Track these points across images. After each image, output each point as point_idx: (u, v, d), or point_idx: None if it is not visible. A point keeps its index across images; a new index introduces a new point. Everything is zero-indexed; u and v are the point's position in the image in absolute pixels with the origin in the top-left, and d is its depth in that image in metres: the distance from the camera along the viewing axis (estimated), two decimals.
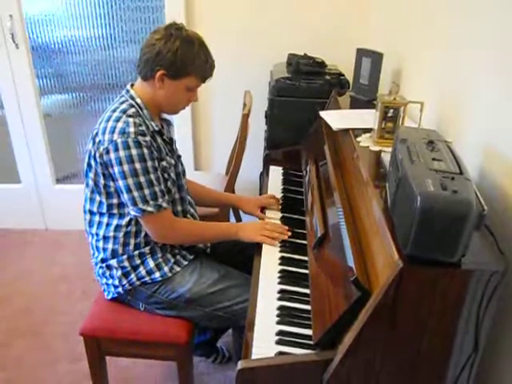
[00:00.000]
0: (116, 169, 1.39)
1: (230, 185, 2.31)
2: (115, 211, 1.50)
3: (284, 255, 1.49)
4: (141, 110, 1.47)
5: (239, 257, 1.68)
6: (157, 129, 1.49)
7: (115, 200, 1.48)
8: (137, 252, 1.53)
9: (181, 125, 2.86)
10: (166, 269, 1.55)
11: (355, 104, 2.02)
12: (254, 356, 1.08)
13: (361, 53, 2.06)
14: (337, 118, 1.72)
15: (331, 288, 1.14)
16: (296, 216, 1.73)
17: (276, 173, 2.09)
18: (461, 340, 0.94)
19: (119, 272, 1.54)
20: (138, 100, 1.48)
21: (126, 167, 1.38)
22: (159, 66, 1.42)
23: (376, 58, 1.94)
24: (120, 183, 1.41)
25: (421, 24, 1.79)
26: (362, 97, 2.04)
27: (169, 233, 1.52)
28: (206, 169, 3.06)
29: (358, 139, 1.50)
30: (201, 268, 1.58)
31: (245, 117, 2.19)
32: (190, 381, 1.65)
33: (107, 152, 1.39)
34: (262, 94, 2.46)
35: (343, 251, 1.11)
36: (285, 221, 1.70)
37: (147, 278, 1.54)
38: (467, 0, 1.39)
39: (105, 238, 1.53)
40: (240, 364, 1.03)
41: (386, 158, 1.28)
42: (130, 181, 1.39)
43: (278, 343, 1.13)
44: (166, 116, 1.66)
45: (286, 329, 1.18)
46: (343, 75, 2.25)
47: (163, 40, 1.40)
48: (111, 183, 1.45)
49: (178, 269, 1.57)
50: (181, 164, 1.67)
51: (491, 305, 0.90)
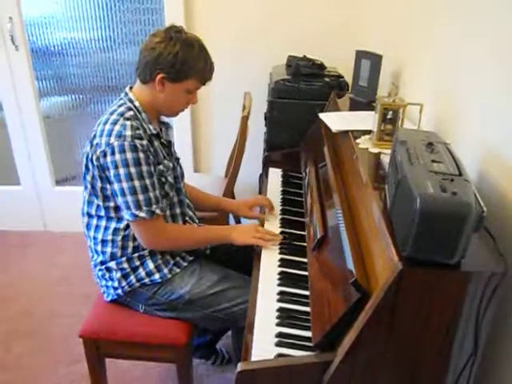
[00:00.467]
0: (112, 172, 1.39)
1: (230, 187, 2.31)
2: (113, 214, 1.49)
3: (283, 257, 1.49)
4: (139, 113, 1.47)
5: (239, 258, 1.67)
6: (154, 132, 1.49)
7: (112, 203, 1.47)
8: (136, 254, 1.53)
9: (180, 127, 2.86)
10: (166, 270, 1.54)
11: (354, 106, 2.02)
12: (254, 358, 1.08)
13: (360, 55, 2.07)
14: (336, 120, 1.73)
15: (331, 290, 1.14)
16: (295, 218, 1.73)
17: (275, 175, 2.09)
18: (460, 341, 0.94)
19: (118, 274, 1.54)
20: (137, 103, 1.47)
21: (122, 171, 1.38)
22: (159, 70, 1.41)
23: (375, 60, 1.95)
24: (115, 186, 1.41)
25: (420, 26, 1.79)
26: (362, 99, 2.04)
27: (158, 240, 1.50)
28: (206, 171, 3.06)
29: (358, 141, 1.50)
30: (200, 269, 1.58)
31: (244, 119, 2.20)
32: (190, 383, 1.65)
33: (104, 155, 1.39)
34: (262, 96, 2.47)
35: (343, 253, 1.11)
36: (284, 222, 1.70)
37: (147, 280, 1.54)
38: (466, 2, 1.39)
39: (103, 242, 1.53)
40: (239, 366, 1.03)
41: (386, 160, 1.28)
42: (125, 185, 1.39)
43: (278, 345, 1.13)
44: (165, 119, 1.66)
45: (286, 331, 1.18)
46: (342, 77, 2.26)
47: (163, 43, 1.40)
48: (108, 186, 1.44)
49: (178, 270, 1.57)
50: (179, 167, 1.67)
51: (491, 306, 0.90)
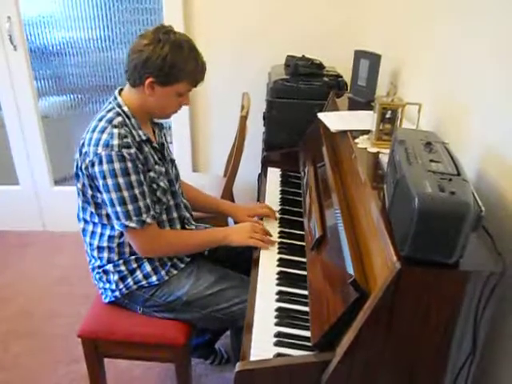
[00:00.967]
0: (100, 182, 1.37)
1: (228, 186, 2.31)
2: (106, 222, 1.48)
3: (282, 257, 1.49)
4: (128, 119, 1.43)
5: (237, 258, 1.67)
6: (144, 138, 1.45)
7: (104, 211, 1.46)
8: (133, 256, 1.52)
9: (179, 126, 2.86)
10: (163, 272, 1.54)
11: (353, 105, 2.02)
12: (253, 358, 1.08)
13: (359, 54, 2.07)
14: (335, 120, 1.73)
15: (329, 289, 1.14)
16: (294, 217, 1.73)
17: (274, 174, 2.09)
18: (459, 341, 0.94)
19: (116, 276, 1.53)
20: (125, 108, 1.44)
21: (110, 181, 1.35)
22: (148, 74, 1.37)
23: (374, 60, 1.95)
24: (104, 196, 1.39)
25: (419, 26, 1.79)
26: (360, 98, 2.04)
27: (153, 248, 1.49)
28: (204, 170, 3.06)
29: (356, 141, 1.50)
30: (198, 270, 1.57)
31: (243, 118, 2.20)
32: (189, 382, 1.65)
33: (92, 165, 1.36)
34: (260, 96, 2.47)
35: (341, 253, 1.11)
36: (283, 222, 1.70)
37: (144, 282, 1.53)
38: (465, 1, 1.39)
39: (99, 248, 1.52)
40: (238, 366, 1.03)
41: (384, 160, 1.28)
42: (114, 195, 1.37)
43: (277, 345, 1.13)
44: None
45: (285, 330, 1.18)
46: (341, 77, 2.26)
47: (151, 45, 1.35)
48: (98, 195, 1.42)
49: (175, 272, 1.56)
50: (174, 167, 1.65)
51: (489, 306, 0.90)
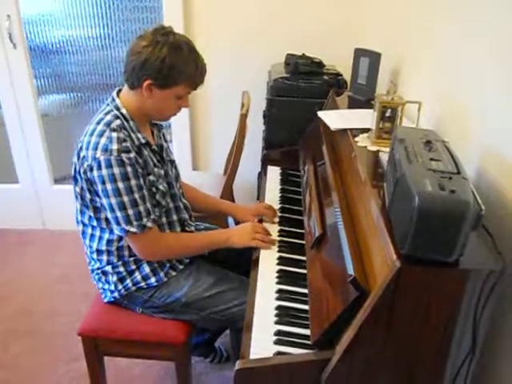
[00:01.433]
0: (99, 187, 1.35)
1: (228, 185, 2.31)
2: (104, 225, 1.47)
3: (282, 255, 1.49)
4: (126, 122, 1.41)
5: (236, 259, 1.66)
6: (143, 141, 1.43)
7: (103, 215, 1.44)
8: (132, 258, 1.51)
9: (179, 125, 2.86)
10: (162, 274, 1.53)
11: (353, 104, 2.02)
12: (252, 356, 1.08)
13: (359, 53, 2.06)
14: (335, 118, 1.72)
15: (329, 288, 1.14)
16: (294, 216, 1.73)
17: (274, 173, 2.09)
18: (459, 339, 0.94)
19: (115, 277, 1.53)
20: (124, 110, 1.41)
21: (109, 186, 1.34)
22: (146, 76, 1.34)
23: (374, 58, 1.94)
24: (104, 201, 1.37)
25: (419, 24, 1.79)
26: (360, 97, 2.04)
27: (154, 251, 1.49)
28: (204, 169, 3.06)
29: (356, 139, 1.50)
30: (197, 272, 1.57)
31: (243, 117, 2.19)
32: (189, 381, 1.65)
33: (91, 169, 1.34)
34: (260, 94, 2.46)
35: (341, 251, 1.11)
36: (283, 221, 1.70)
37: (143, 284, 1.53)
38: (465, 0, 1.39)
39: (98, 251, 1.51)
40: (238, 364, 1.03)
41: (384, 158, 1.28)
42: (113, 200, 1.35)
43: (276, 343, 1.13)
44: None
45: (284, 329, 1.18)
46: (341, 75, 2.26)
47: (150, 47, 1.32)
48: (97, 199, 1.41)
49: (174, 273, 1.55)
50: (174, 168, 1.64)
51: (489, 304, 0.90)
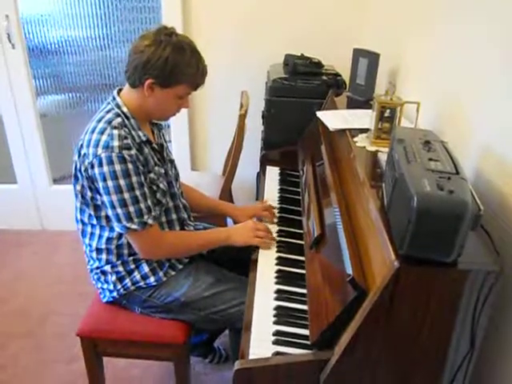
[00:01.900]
0: (100, 184, 1.35)
1: (227, 185, 2.31)
2: (104, 224, 1.47)
3: (281, 255, 1.49)
4: (127, 120, 1.41)
5: (235, 259, 1.65)
6: (144, 139, 1.44)
7: (103, 213, 1.44)
8: (131, 257, 1.51)
9: (178, 125, 2.86)
10: (161, 273, 1.53)
11: (352, 104, 2.02)
12: (251, 356, 1.08)
13: (357, 53, 2.07)
14: (333, 119, 1.73)
15: (328, 288, 1.14)
16: (293, 216, 1.73)
17: (273, 173, 2.09)
18: (457, 340, 0.94)
19: (114, 277, 1.53)
20: (125, 109, 1.42)
21: (111, 183, 1.34)
22: (148, 75, 1.35)
23: (373, 59, 1.95)
24: (104, 199, 1.37)
25: (417, 24, 1.79)
26: (359, 97, 2.04)
27: (155, 250, 1.49)
28: (203, 169, 3.06)
29: (355, 139, 1.50)
30: (196, 271, 1.57)
31: (242, 117, 2.19)
32: (187, 381, 1.65)
33: (92, 166, 1.34)
34: (259, 95, 2.47)
35: (340, 251, 1.11)
36: (282, 221, 1.70)
37: (142, 283, 1.53)
38: (463, 0, 1.39)
39: (98, 250, 1.51)
40: (237, 364, 1.03)
41: (383, 158, 1.28)
42: (114, 197, 1.35)
43: (275, 343, 1.13)
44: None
45: (283, 329, 1.18)
46: (340, 75, 2.26)
47: (153, 46, 1.33)
48: (98, 196, 1.41)
49: (173, 273, 1.55)
50: (174, 168, 1.64)
51: (487, 304, 0.90)
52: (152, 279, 1.53)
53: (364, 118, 1.63)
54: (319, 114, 1.80)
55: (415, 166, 0.91)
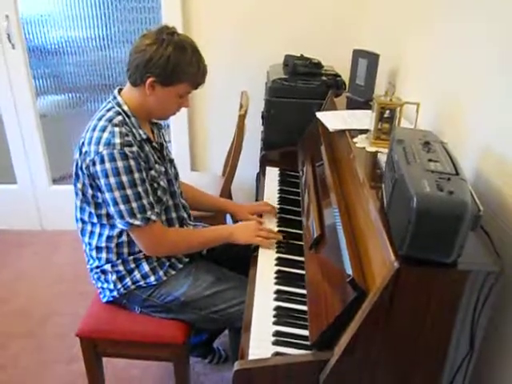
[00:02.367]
0: (102, 181, 1.35)
1: (227, 186, 2.31)
2: (105, 221, 1.47)
3: (281, 256, 1.49)
4: (128, 118, 1.42)
5: (235, 258, 1.66)
6: (144, 137, 1.45)
7: (104, 211, 1.44)
8: (131, 257, 1.52)
9: (177, 125, 2.86)
10: (161, 273, 1.53)
11: (352, 105, 2.02)
12: (251, 357, 1.08)
13: (357, 54, 2.07)
14: (333, 119, 1.73)
15: (328, 288, 1.14)
16: (292, 217, 1.73)
17: (272, 173, 2.09)
18: (456, 340, 0.94)
19: (114, 276, 1.53)
20: (125, 107, 1.43)
21: (113, 180, 1.34)
22: (150, 73, 1.36)
23: (372, 59, 1.95)
24: (107, 196, 1.37)
25: (417, 25, 1.80)
26: (359, 98, 2.04)
27: (158, 246, 1.49)
28: (203, 169, 3.06)
29: (355, 140, 1.50)
30: (196, 271, 1.57)
31: (241, 117, 2.20)
32: (187, 381, 1.65)
33: (93, 164, 1.35)
34: (259, 95, 2.47)
35: (339, 252, 1.11)
36: (281, 221, 1.70)
37: (142, 282, 1.53)
38: (462, 0, 1.40)
39: (98, 248, 1.51)
40: (237, 365, 1.03)
41: (383, 159, 1.28)
42: (117, 194, 1.36)
43: (275, 344, 1.13)
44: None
45: (283, 329, 1.18)
46: (340, 76, 2.26)
47: (154, 45, 1.34)
48: (99, 194, 1.41)
49: (173, 272, 1.56)
50: (173, 167, 1.65)
51: (487, 305, 0.91)
52: (152, 278, 1.53)
53: (364, 119, 1.63)
54: (319, 115, 1.80)
55: (415, 167, 0.91)
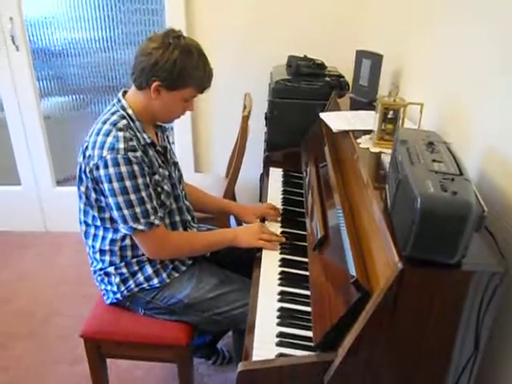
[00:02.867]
0: (106, 186, 1.35)
1: (230, 187, 2.31)
2: (109, 225, 1.47)
3: (284, 257, 1.49)
4: (132, 122, 1.42)
5: (239, 260, 1.65)
6: (149, 141, 1.44)
7: (107, 214, 1.44)
8: (135, 259, 1.52)
9: (181, 127, 2.86)
10: (164, 275, 1.53)
11: (355, 105, 2.02)
12: (255, 358, 1.08)
13: (361, 54, 2.06)
14: (337, 120, 1.72)
15: (331, 289, 1.13)
16: (296, 218, 1.73)
17: (276, 174, 2.09)
18: (461, 341, 0.94)
19: (117, 279, 1.53)
20: (130, 111, 1.42)
21: (116, 185, 1.34)
22: (156, 77, 1.36)
23: (376, 60, 1.94)
24: (110, 200, 1.37)
25: (420, 25, 1.79)
26: (362, 98, 2.04)
27: (162, 250, 1.49)
28: (207, 170, 3.06)
29: (358, 141, 1.50)
30: (199, 273, 1.57)
31: (245, 119, 2.20)
32: (191, 383, 1.65)
33: (97, 168, 1.34)
34: (262, 96, 2.47)
35: (343, 253, 1.11)
36: (285, 222, 1.70)
37: (145, 285, 1.53)
38: (466, 1, 1.39)
39: (101, 251, 1.51)
40: (240, 366, 1.03)
41: (386, 160, 1.28)
42: (120, 199, 1.35)
43: (279, 345, 1.13)
44: None
45: (287, 330, 1.18)
46: (343, 77, 2.26)
47: (160, 49, 1.34)
48: (102, 198, 1.41)
49: (177, 274, 1.56)
50: (177, 170, 1.65)
51: (491, 306, 0.90)
52: (155, 281, 1.53)
53: (367, 120, 1.63)
54: (322, 116, 1.80)
55: (419, 168, 0.91)
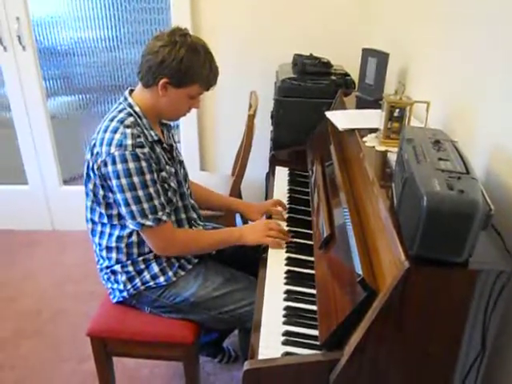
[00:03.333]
0: (114, 182, 1.36)
1: (236, 185, 2.31)
2: (116, 222, 1.47)
3: (290, 256, 1.49)
4: (139, 119, 1.43)
5: (245, 259, 1.66)
6: (156, 138, 1.46)
7: (115, 211, 1.45)
8: (141, 257, 1.52)
9: (187, 125, 2.87)
10: (171, 273, 1.54)
11: (361, 104, 2.02)
12: (261, 356, 1.08)
13: (366, 53, 2.06)
14: (343, 118, 1.72)
15: (337, 288, 1.13)
16: (302, 216, 1.73)
17: (282, 173, 2.09)
18: (468, 340, 0.94)
19: (124, 277, 1.53)
20: (137, 108, 1.44)
21: (124, 181, 1.35)
22: (163, 75, 1.38)
23: (382, 58, 1.94)
24: (118, 197, 1.38)
25: (427, 23, 1.78)
26: (368, 97, 2.03)
27: (169, 246, 1.49)
28: (212, 169, 3.06)
29: (364, 139, 1.50)
30: (205, 271, 1.57)
31: (250, 117, 2.20)
32: (197, 381, 1.65)
33: (105, 164, 1.35)
34: (268, 95, 2.47)
35: (349, 251, 1.11)
36: (291, 221, 1.70)
37: (152, 283, 1.53)
38: (471, 0, 1.39)
39: (108, 248, 1.52)
40: (246, 364, 1.03)
41: (392, 158, 1.28)
42: (129, 195, 1.36)
43: (285, 344, 1.13)
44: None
45: (293, 329, 1.18)
46: (349, 75, 2.25)
47: (167, 47, 1.36)
48: (110, 195, 1.42)
49: (183, 273, 1.56)
50: (183, 168, 1.65)
51: (498, 304, 0.90)
52: (162, 279, 1.53)
53: (373, 118, 1.62)
54: (328, 114, 1.80)
55: (425, 166, 0.91)
